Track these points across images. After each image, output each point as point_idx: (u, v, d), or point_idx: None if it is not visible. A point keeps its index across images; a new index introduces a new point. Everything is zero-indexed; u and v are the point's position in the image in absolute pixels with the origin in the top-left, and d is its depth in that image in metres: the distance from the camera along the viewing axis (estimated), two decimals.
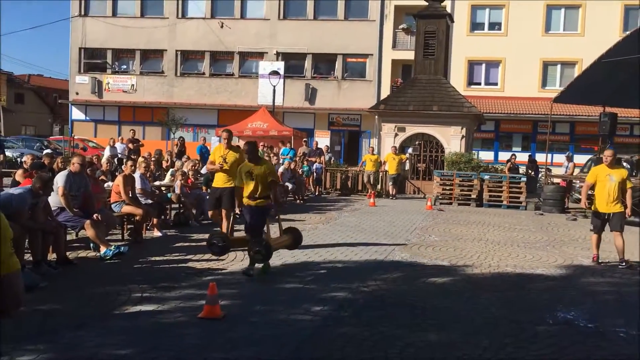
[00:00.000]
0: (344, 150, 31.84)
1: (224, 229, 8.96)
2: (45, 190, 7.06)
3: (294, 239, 8.14)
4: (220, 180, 9.10)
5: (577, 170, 21.55)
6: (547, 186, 17.14)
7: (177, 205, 11.60)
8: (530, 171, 22.48)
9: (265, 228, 7.55)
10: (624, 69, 16.20)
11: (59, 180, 7.84)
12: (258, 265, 7.29)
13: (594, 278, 7.74)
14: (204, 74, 32.86)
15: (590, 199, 9.05)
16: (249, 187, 7.37)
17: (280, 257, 8.35)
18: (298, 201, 16.67)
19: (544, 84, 29.76)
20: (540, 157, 25.50)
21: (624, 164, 17.15)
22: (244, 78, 32.37)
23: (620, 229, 8.58)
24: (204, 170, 13.08)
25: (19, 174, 9.06)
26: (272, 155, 17.51)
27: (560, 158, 21.56)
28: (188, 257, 8.14)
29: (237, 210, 7.94)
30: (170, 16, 32.71)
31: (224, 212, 9.05)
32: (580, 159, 25.41)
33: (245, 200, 7.44)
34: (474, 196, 17.32)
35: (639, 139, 28.28)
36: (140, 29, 32.80)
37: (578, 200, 17.90)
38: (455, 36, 27.82)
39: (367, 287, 6.80)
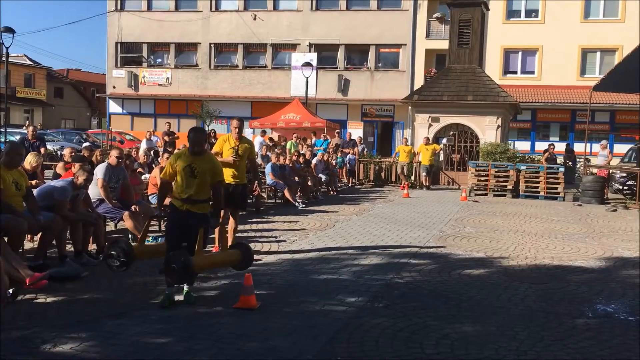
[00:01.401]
0: (377, 142, 31.71)
1: (227, 230, 7.52)
2: (87, 182, 7.23)
3: (242, 257, 6.22)
4: (229, 175, 7.53)
5: (615, 160, 21.04)
6: (585, 176, 16.78)
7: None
8: (568, 161, 22.03)
9: (197, 242, 5.68)
10: None
11: (99, 172, 8.01)
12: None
13: (635, 270, 7.55)
14: (237, 66, 33.08)
15: None
16: (187, 187, 5.68)
17: (314, 248, 8.39)
18: (331, 192, 16.69)
19: (582, 72, 29.03)
20: (578, 147, 24.97)
21: None
22: (277, 70, 32.47)
23: None
24: None
25: (59, 167, 9.29)
26: (305, 146, 17.56)
27: (598, 148, 21.03)
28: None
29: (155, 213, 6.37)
30: (204, 9, 32.99)
31: (230, 212, 7.68)
32: (621, 148, 24.80)
33: (177, 203, 5.67)
34: (509, 187, 17.07)
35: None
36: (174, 22, 33.18)
37: (618, 191, 17.51)
38: (490, 24, 27.35)
39: (401, 278, 6.78)
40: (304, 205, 13.19)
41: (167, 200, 6.16)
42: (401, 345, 4.66)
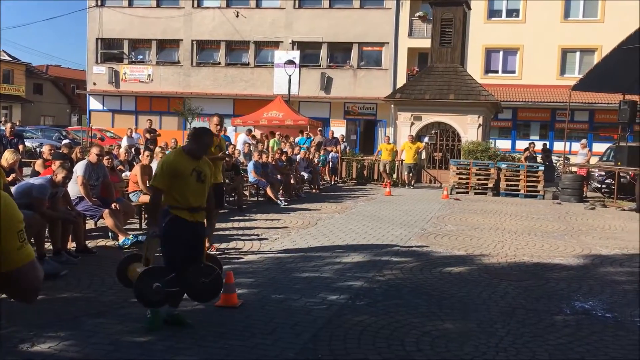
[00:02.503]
0: (360, 140, 31.78)
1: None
2: (66, 180, 7.15)
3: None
4: (218, 174, 7.58)
5: (594, 159, 21.32)
6: (565, 175, 16.98)
7: None
8: (545, 161, 22.28)
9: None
10: None
11: (78, 169, 7.93)
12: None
13: (613, 268, 7.67)
14: (219, 63, 32.93)
15: None
16: (196, 194, 4.94)
17: (296, 246, 8.40)
18: (314, 190, 16.69)
19: (562, 71, 29.39)
20: (558, 146, 25.28)
21: None
22: (260, 67, 32.38)
23: None
24: None
25: (38, 164, 9.18)
26: (288, 144, 17.53)
27: (577, 146, 21.31)
28: (206, 245, 8.18)
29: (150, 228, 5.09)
30: (186, 6, 32.77)
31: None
32: (600, 147, 25.14)
33: (185, 214, 4.89)
34: (490, 185, 17.22)
35: None
36: (156, 19, 32.91)
37: (597, 189, 17.76)
38: (472, 24, 27.54)
39: (383, 276, 6.81)
40: (286, 203, 13.18)
41: None
42: (383, 342, 4.68)
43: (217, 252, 7.81)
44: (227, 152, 7.25)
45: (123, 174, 10.45)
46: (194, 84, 32.94)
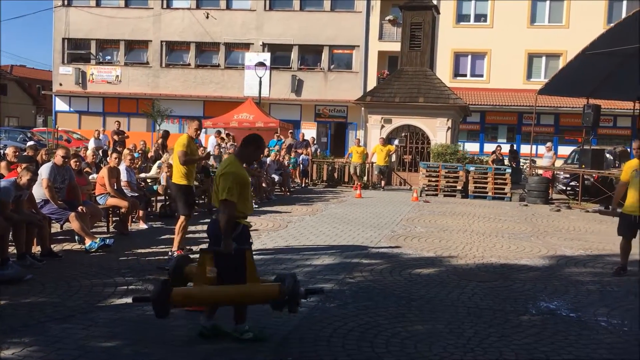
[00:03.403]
0: (331, 142, 31.86)
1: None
2: (31, 182, 7.01)
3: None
4: (190, 177, 7.81)
5: (559, 162, 21.76)
6: (531, 177, 17.29)
7: (162, 197, 11.57)
8: (512, 162, 22.68)
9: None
10: (608, 61, 16.35)
11: (43, 172, 7.78)
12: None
13: (577, 268, 7.84)
14: (189, 65, 32.65)
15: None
16: (250, 201, 4.95)
17: (270, 250, 8.38)
18: (284, 193, 16.67)
19: (529, 75, 29.95)
20: (525, 149, 25.71)
21: (607, 155, 17.39)
22: (230, 69, 32.21)
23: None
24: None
25: (2, 167, 8.95)
26: None
27: (543, 149, 21.73)
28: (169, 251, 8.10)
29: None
30: (155, 6, 32.41)
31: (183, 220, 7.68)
32: (565, 150, 25.67)
33: (246, 222, 4.82)
34: (459, 187, 17.42)
35: (622, 131, 28.59)
36: (124, 19, 32.48)
37: (562, 191, 18.14)
38: (441, 28, 27.91)
39: (353, 278, 6.84)
40: (257, 206, 13.12)
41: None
42: (353, 344, 4.70)
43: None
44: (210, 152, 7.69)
45: (90, 177, 10.29)
46: (163, 85, 32.60)
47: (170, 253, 7.66)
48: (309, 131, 28.86)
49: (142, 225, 9.91)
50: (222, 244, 4.48)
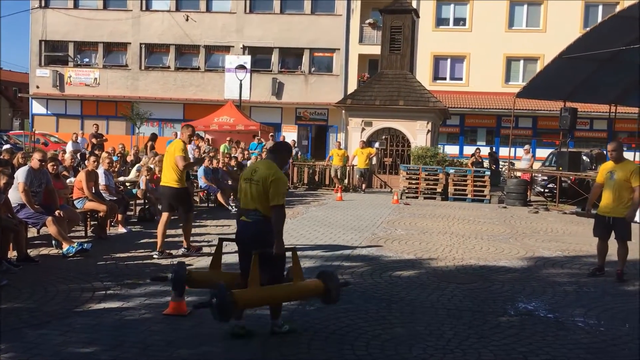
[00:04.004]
0: (311, 145, 31.87)
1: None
2: (7, 186, 6.91)
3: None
4: (184, 180, 8.23)
5: (537, 164, 22.04)
6: (510, 179, 17.47)
7: (141, 201, 11.47)
8: (492, 165, 22.88)
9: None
10: (584, 65, 16.61)
11: (19, 176, 7.67)
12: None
13: (555, 269, 7.94)
14: (169, 67, 32.45)
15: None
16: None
17: None
18: None
19: (507, 79, 30.28)
20: (503, 151, 25.96)
21: (584, 157, 17.64)
22: (210, 72, 32.08)
23: (621, 237, 7.45)
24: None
25: None
26: (237, 150, 17.40)
27: (522, 152, 21.97)
28: (153, 253, 8.05)
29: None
30: (134, 8, 32.17)
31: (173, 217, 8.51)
32: (543, 152, 26.02)
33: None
34: (439, 190, 17.54)
35: (598, 133, 29.05)
36: (103, 21, 32.18)
37: (540, 193, 18.36)
38: (420, 31, 28.08)
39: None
40: (237, 209, 13.08)
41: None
42: (333, 347, 4.71)
43: (167, 257, 7.71)
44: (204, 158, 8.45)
45: (67, 180, 10.17)
46: (143, 88, 32.34)
47: (185, 251, 8.13)
48: (289, 134, 28.86)
49: (121, 230, 9.82)
50: (276, 245, 4.89)
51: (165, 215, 8.10)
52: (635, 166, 7.46)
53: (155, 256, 7.81)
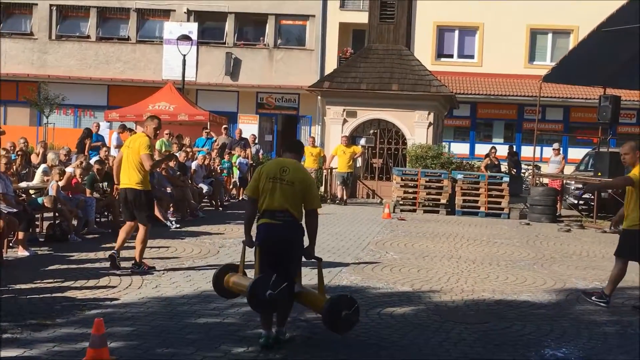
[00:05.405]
0: (277, 141, 31.85)
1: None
2: None
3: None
4: (148, 182, 9.17)
5: (570, 168, 22.28)
6: (534, 188, 17.62)
7: (51, 214, 11.33)
8: (512, 168, 23.07)
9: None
10: (630, 41, 16.76)
11: None
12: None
13: (591, 305, 8.04)
14: (88, 37, 32.14)
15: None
16: None
17: (192, 284, 8.30)
18: (215, 208, 16.55)
19: (531, 57, 30.59)
20: (527, 151, 26.25)
21: None
22: (144, 44, 31.86)
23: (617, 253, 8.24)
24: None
25: None
26: (176, 145, 17.29)
27: (550, 152, 22.16)
28: (66, 284, 7.96)
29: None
30: None
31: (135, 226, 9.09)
32: (577, 153, 26.32)
33: None
34: (444, 201, 17.65)
35: None
36: None
37: (573, 206, 18.59)
38: None
39: (305, 319, 6.84)
40: (178, 225, 13.01)
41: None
42: None
43: (81, 296, 7.63)
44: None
45: None
46: (53, 63, 31.96)
47: (133, 265, 8.78)
48: (248, 126, 28.82)
49: (23, 252, 9.69)
50: (313, 249, 6.36)
51: (129, 225, 8.98)
52: None
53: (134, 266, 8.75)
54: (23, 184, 12.10)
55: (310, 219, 6.18)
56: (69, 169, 12.10)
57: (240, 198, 19.09)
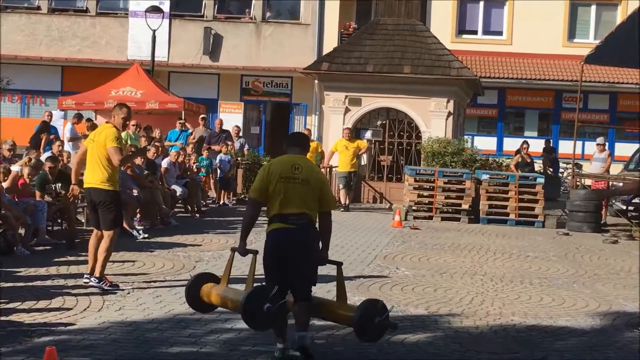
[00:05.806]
0: (266, 134, 31.84)
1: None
2: None
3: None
4: (114, 180, 9.07)
5: (617, 167, 22.24)
6: (574, 191, 17.61)
7: None
8: (548, 167, 23.04)
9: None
10: None
11: None
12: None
13: None
14: (39, 8, 32.11)
15: None
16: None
17: (162, 305, 8.30)
18: (192, 214, 16.55)
19: (571, 34, 30.56)
20: (565, 146, 26.24)
21: None
22: (106, 17, 31.83)
23: None
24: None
25: None
26: (144, 139, 17.29)
27: (593, 148, 22.12)
28: (11, 305, 7.95)
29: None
30: None
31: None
32: (625, 149, 26.26)
33: None
34: (465, 207, 17.64)
35: None
36: None
37: (621, 213, 18.58)
38: None
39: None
40: (146, 235, 13.00)
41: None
42: None
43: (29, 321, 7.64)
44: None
45: None
46: None
47: (96, 281, 8.81)
48: (231, 116, 28.76)
49: None
50: (326, 253, 6.75)
51: (109, 234, 8.90)
52: None
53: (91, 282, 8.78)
54: None
55: (326, 221, 6.52)
56: (14, 168, 12.08)
57: (221, 202, 19.09)
